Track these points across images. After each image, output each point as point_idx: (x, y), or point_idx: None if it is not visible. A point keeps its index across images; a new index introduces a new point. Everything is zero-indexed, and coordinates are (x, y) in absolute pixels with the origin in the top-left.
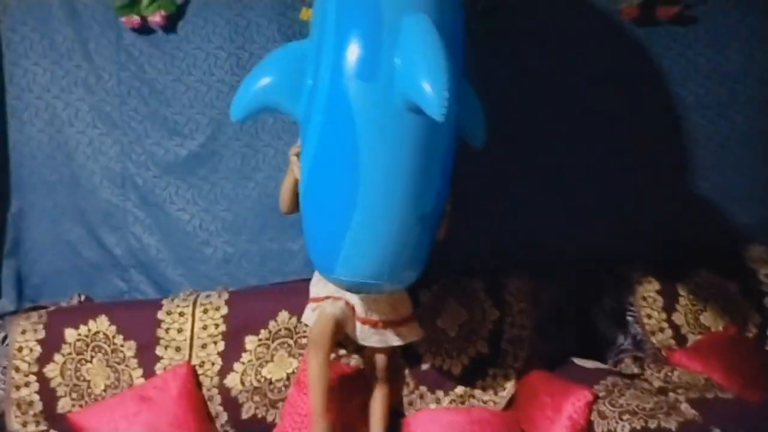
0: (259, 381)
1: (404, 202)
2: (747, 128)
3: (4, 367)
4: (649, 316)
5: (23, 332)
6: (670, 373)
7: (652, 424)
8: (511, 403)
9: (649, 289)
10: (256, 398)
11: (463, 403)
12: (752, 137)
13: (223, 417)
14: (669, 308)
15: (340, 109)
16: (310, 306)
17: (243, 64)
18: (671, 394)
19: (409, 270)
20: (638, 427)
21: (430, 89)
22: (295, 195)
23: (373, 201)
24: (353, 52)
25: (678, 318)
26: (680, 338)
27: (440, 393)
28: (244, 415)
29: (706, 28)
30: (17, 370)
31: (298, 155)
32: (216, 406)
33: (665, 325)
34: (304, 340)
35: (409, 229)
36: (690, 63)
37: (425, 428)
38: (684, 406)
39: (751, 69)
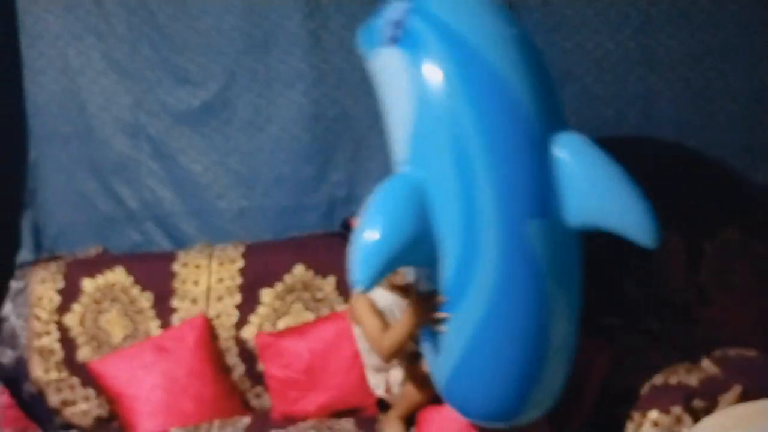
0: None
1: (575, 330)
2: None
3: (26, 316)
4: (673, 274)
5: (43, 281)
6: (692, 331)
7: (673, 380)
8: None
9: (674, 248)
10: None
11: None
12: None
13: (240, 368)
14: (693, 266)
15: (520, 251)
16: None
17: (257, 9)
18: (693, 351)
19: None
20: (658, 383)
21: (642, 219)
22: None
23: (563, 335)
24: (518, 189)
25: (702, 276)
26: (704, 296)
27: None
28: (261, 367)
29: None
30: (38, 318)
31: (422, 300)
32: (233, 358)
33: (689, 283)
34: (319, 294)
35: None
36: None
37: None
38: (706, 363)
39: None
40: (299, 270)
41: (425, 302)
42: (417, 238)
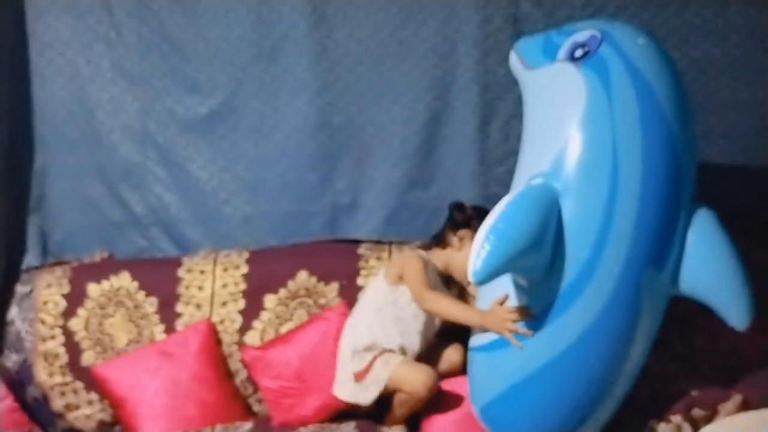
0: None
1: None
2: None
3: (31, 320)
4: None
5: (48, 286)
6: (693, 339)
7: (673, 389)
8: None
9: None
10: None
11: None
12: None
13: (242, 374)
14: None
15: (630, 295)
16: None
17: (264, 20)
18: (694, 360)
19: None
20: (658, 391)
21: (742, 306)
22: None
23: (629, 382)
24: (652, 239)
25: None
26: (705, 305)
27: None
28: None
29: None
30: (43, 323)
31: (504, 312)
32: (235, 363)
33: None
34: (322, 300)
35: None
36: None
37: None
38: (706, 372)
39: None
40: (303, 276)
41: (507, 313)
42: (539, 246)
